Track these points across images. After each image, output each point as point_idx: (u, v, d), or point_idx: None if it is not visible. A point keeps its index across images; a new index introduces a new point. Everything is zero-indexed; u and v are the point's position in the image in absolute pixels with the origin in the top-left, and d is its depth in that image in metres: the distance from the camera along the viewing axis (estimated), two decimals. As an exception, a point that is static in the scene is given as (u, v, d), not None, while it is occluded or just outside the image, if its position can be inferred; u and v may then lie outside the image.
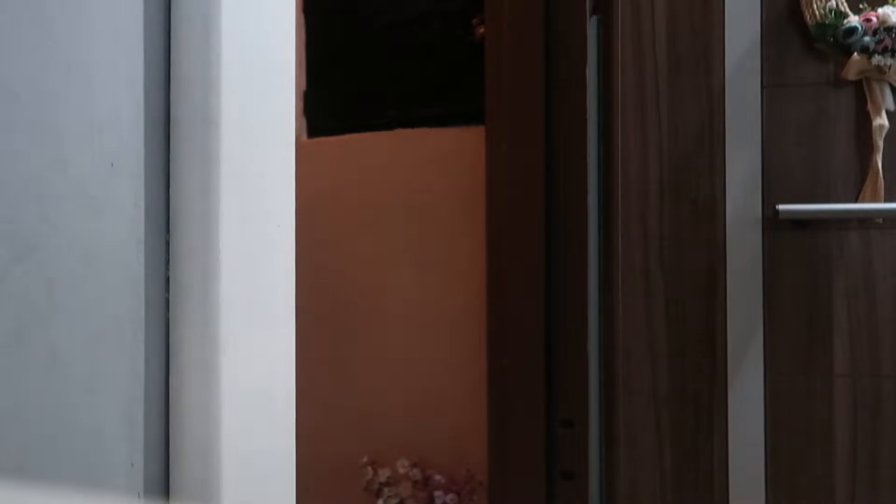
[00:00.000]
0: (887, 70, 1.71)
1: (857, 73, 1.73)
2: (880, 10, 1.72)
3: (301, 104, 2.04)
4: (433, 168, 1.94)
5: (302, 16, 2.05)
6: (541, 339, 1.80)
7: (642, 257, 1.79)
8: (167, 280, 0.64)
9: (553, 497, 1.78)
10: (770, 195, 1.76)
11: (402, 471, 1.98)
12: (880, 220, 1.75)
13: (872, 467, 1.73)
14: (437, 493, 1.94)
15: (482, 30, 1.93)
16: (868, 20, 1.72)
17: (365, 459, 2.01)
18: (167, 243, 0.64)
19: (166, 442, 0.64)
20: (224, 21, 0.65)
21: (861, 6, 1.74)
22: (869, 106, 1.73)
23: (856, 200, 1.74)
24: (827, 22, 1.73)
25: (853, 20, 1.72)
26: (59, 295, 0.56)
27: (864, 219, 1.74)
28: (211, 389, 0.64)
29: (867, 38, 1.71)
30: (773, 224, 1.76)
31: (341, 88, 2.03)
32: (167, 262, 0.64)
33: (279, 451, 0.72)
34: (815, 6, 1.74)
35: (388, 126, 1.98)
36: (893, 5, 1.73)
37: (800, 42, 1.77)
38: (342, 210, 2.00)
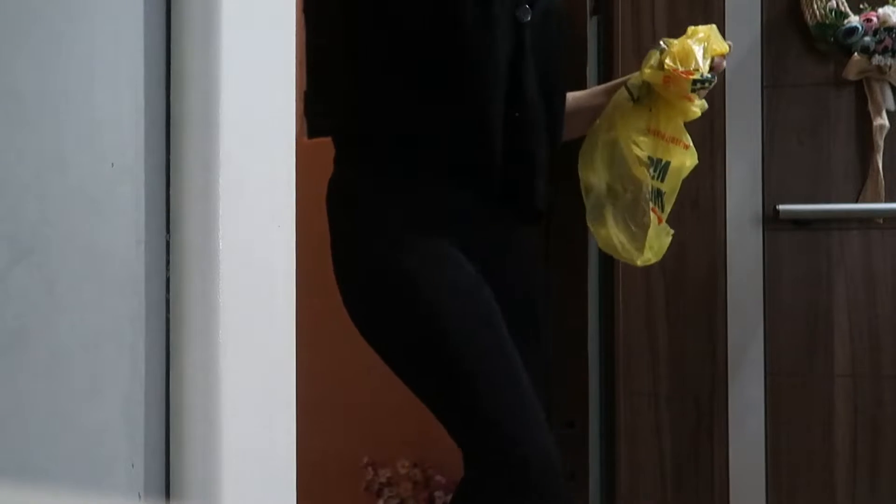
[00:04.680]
0: (888, 70, 1.71)
1: (857, 73, 1.73)
2: (881, 10, 1.72)
3: (301, 104, 2.03)
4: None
5: (302, 16, 2.05)
6: (541, 339, 1.79)
7: (642, 257, 1.78)
8: (167, 280, 0.64)
9: (553, 497, 1.78)
10: (770, 195, 1.76)
11: (402, 471, 1.98)
12: (881, 220, 1.75)
13: (872, 467, 1.73)
14: (438, 494, 1.94)
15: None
16: (868, 20, 1.72)
17: (365, 460, 2.01)
18: (167, 243, 0.64)
19: (166, 442, 0.64)
20: (224, 21, 0.65)
21: (861, 6, 1.74)
22: (869, 106, 1.73)
23: (856, 200, 1.74)
24: (827, 22, 1.73)
25: (853, 20, 1.72)
26: (59, 295, 0.56)
27: (865, 219, 1.74)
28: (211, 389, 0.64)
29: (868, 38, 1.71)
30: (773, 224, 1.76)
31: (341, 88, 2.03)
32: (167, 262, 0.64)
33: (279, 451, 0.72)
34: (815, 6, 1.73)
35: (388, 126, 1.97)
36: (894, 5, 1.73)
37: (800, 42, 1.77)
38: (342, 210, 2.00)
